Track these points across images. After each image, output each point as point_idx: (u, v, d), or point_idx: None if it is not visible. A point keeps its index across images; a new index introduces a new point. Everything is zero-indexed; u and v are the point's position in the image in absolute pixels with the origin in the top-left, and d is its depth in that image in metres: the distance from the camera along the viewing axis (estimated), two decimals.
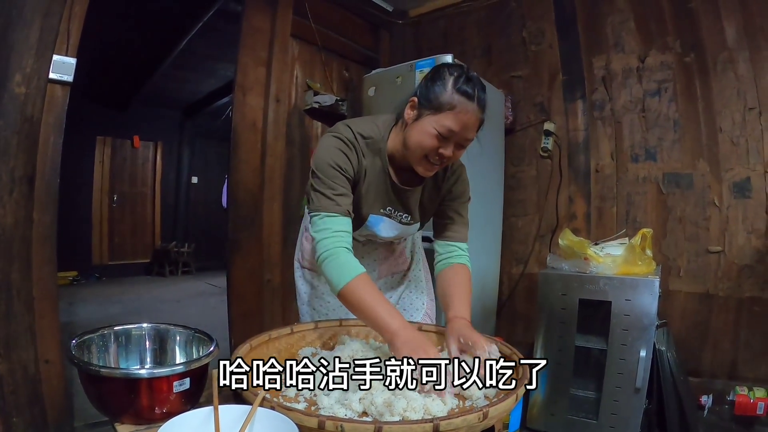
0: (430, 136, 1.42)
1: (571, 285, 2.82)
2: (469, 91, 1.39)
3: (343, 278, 1.38)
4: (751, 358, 3.07)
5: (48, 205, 2.63)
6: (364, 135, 1.56)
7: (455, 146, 1.45)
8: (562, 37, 3.76)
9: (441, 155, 1.45)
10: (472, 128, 1.43)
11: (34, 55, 2.52)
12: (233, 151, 3.52)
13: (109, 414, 1.12)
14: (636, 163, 3.45)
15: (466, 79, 1.40)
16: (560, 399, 2.90)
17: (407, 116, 1.50)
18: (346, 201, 1.48)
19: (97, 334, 1.30)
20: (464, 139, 1.44)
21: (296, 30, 3.79)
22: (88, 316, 5.73)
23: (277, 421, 0.94)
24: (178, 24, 5.28)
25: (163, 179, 9.71)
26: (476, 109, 1.40)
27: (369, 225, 1.67)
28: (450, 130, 1.40)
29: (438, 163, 1.48)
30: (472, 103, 1.39)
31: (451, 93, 1.40)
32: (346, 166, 1.50)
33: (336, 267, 1.41)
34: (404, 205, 1.66)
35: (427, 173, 1.52)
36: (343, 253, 1.42)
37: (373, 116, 1.73)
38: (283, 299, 3.77)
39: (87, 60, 3.05)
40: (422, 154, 1.46)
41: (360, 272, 1.40)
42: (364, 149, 1.56)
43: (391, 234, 1.73)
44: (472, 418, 0.96)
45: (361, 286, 1.38)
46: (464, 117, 1.39)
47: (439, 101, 1.41)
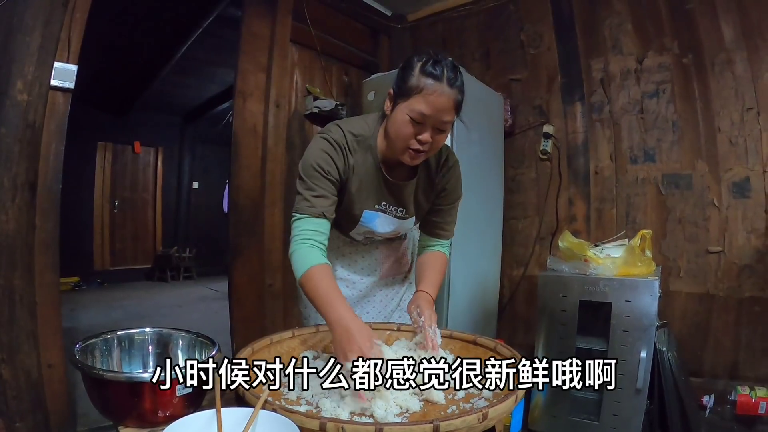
0: (405, 123, 1.43)
1: (572, 287, 2.83)
2: (435, 72, 1.38)
3: (300, 269, 1.43)
4: (752, 357, 3.07)
5: (50, 212, 2.64)
6: (355, 133, 1.59)
7: (433, 130, 1.44)
8: (560, 40, 3.77)
9: (420, 141, 1.44)
10: (445, 110, 1.40)
11: (36, 63, 2.54)
12: (234, 156, 3.53)
13: (112, 417, 1.13)
14: (635, 164, 3.46)
15: (433, 62, 1.40)
16: (562, 400, 2.90)
17: (386, 109, 1.53)
18: (322, 203, 1.51)
19: (101, 338, 1.31)
20: (440, 121, 1.42)
21: (295, 35, 3.80)
22: (90, 322, 5.74)
23: (279, 424, 0.95)
24: (179, 30, 5.31)
25: (164, 185, 9.74)
26: (447, 89, 1.38)
27: (364, 221, 1.68)
28: (421, 113, 1.40)
29: (420, 150, 1.47)
30: (440, 83, 1.38)
31: (417, 76, 1.40)
32: (329, 168, 1.52)
33: (297, 260, 1.46)
34: (398, 200, 1.68)
35: (412, 162, 1.52)
36: (305, 247, 1.46)
37: (366, 114, 1.75)
38: (284, 304, 3.77)
39: (88, 66, 3.06)
40: (403, 144, 1.46)
41: (315, 264, 1.43)
42: (355, 147, 1.58)
43: (388, 229, 1.74)
44: (472, 419, 0.97)
45: (313, 276, 1.41)
46: (434, 98, 1.38)
47: (407, 87, 1.41)
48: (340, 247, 1.89)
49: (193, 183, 10.06)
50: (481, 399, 1.23)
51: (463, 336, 1.58)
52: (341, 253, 1.89)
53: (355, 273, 1.90)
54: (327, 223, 1.52)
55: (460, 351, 1.54)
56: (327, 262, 1.46)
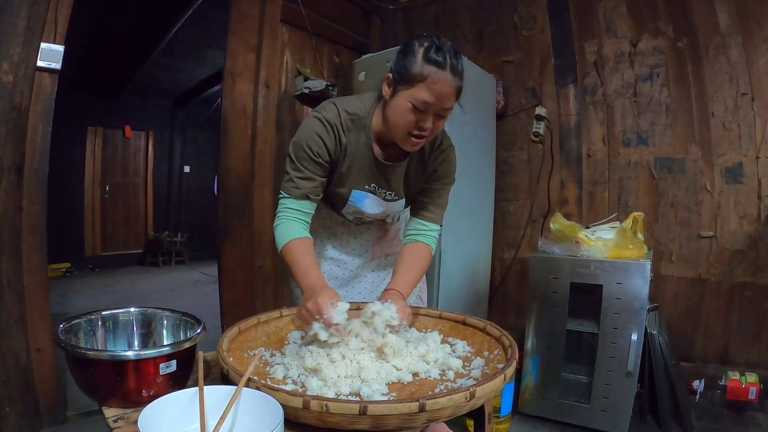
0: (407, 110, 1.42)
1: (563, 269, 2.82)
2: (439, 59, 1.37)
3: (281, 242, 1.53)
4: (743, 343, 3.09)
5: (37, 194, 2.62)
6: (350, 111, 1.59)
7: (434, 117, 1.44)
8: (553, 22, 3.74)
9: (421, 128, 1.44)
10: (448, 97, 1.40)
11: (22, 43, 2.50)
12: (223, 137, 3.51)
13: (96, 397, 1.11)
14: (628, 147, 3.45)
15: (436, 49, 1.38)
16: (552, 383, 2.91)
17: (385, 93, 1.51)
18: (307, 185, 1.56)
19: (85, 319, 1.29)
20: (442, 109, 1.42)
21: (286, 15, 3.76)
22: (81, 307, 5.70)
23: (262, 402, 0.94)
24: (168, 12, 5.24)
25: (155, 169, 9.66)
26: (450, 77, 1.38)
27: (353, 201, 1.68)
28: (425, 102, 1.39)
29: (421, 136, 1.46)
30: (444, 71, 1.37)
31: (421, 64, 1.38)
32: (318, 150, 1.54)
33: (279, 233, 1.55)
34: (387, 182, 1.67)
35: (413, 148, 1.52)
36: (287, 222, 1.55)
37: (361, 94, 1.72)
38: (274, 285, 3.78)
39: (77, 50, 3.03)
40: (404, 131, 1.46)
41: (295, 237, 1.52)
42: (349, 125, 1.58)
43: (377, 211, 1.73)
44: (459, 398, 0.96)
45: (291, 248, 1.51)
46: (438, 87, 1.37)
47: (410, 74, 1.40)
48: (333, 227, 1.89)
49: (184, 167, 9.99)
50: (470, 379, 1.22)
51: (453, 316, 1.58)
52: (333, 233, 1.89)
53: (347, 254, 1.90)
54: (310, 203, 1.58)
55: (449, 331, 1.54)
56: (307, 236, 1.55)
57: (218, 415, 0.90)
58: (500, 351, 1.32)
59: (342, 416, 0.92)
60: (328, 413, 0.92)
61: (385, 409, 0.92)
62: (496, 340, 1.38)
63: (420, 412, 0.93)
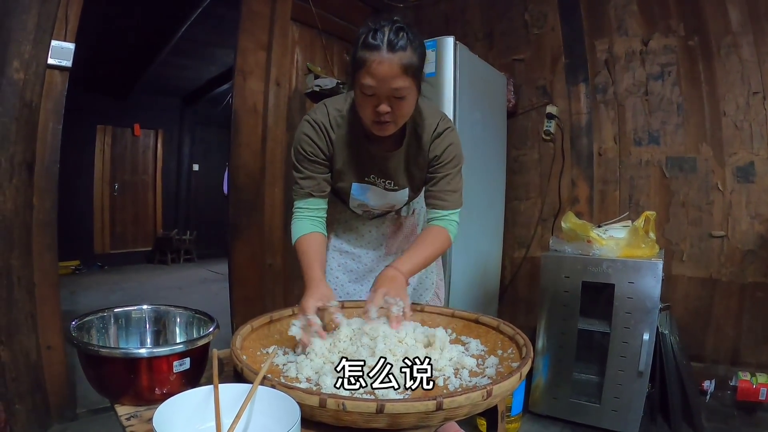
0: (361, 98, 1.45)
1: (574, 268, 2.81)
2: (375, 42, 1.35)
3: (294, 238, 1.65)
4: (754, 343, 3.06)
5: (48, 191, 2.63)
6: (339, 108, 1.65)
7: (389, 99, 1.41)
8: (564, 20, 3.72)
9: (378, 113, 1.43)
10: (391, 76, 1.36)
11: (33, 41, 2.52)
12: (234, 135, 3.51)
13: (108, 395, 1.11)
14: (639, 146, 3.43)
15: (373, 33, 1.36)
16: (563, 382, 2.90)
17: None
18: (309, 183, 1.66)
19: (97, 316, 1.29)
20: (390, 89, 1.38)
21: (296, 14, 3.77)
22: (91, 305, 5.72)
23: (278, 400, 0.93)
24: (178, 10, 5.25)
25: (164, 167, 9.71)
26: (387, 55, 1.34)
27: (355, 194, 1.73)
28: (369, 86, 1.38)
29: (382, 121, 1.45)
30: (378, 52, 1.34)
31: (360, 51, 1.38)
32: (311, 149, 1.63)
33: (292, 231, 1.67)
34: (384, 172, 1.69)
35: (382, 133, 1.51)
36: (299, 220, 1.66)
37: (351, 91, 1.71)
38: (284, 283, 3.77)
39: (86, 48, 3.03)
40: (368, 119, 1.48)
41: (305, 233, 1.63)
42: (339, 122, 1.63)
43: (382, 202, 1.76)
44: (476, 396, 0.96)
45: (301, 243, 1.62)
46: (376, 69, 1.35)
47: (354, 62, 1.42)
48: (347, 221, 1.92)
49: (193, 165, 10.03)
50: (485, 378, 1.21)
51: (465, 315, 1.57)
52: (349, 227, 1.92)
53: (361, 247, 1.92)
54: (315, 200, 1.67)
55: (462, 330, 1.53)
56: (317, 231, 1.65)
57: (233, 414, 0.89)
58: (513, 350, 1.31)
59: (359, 414, 0.92)
60: (344, 411, 0.91)
61: (402, 408, 0.91)
62: (509, 339, 1.37)
63: (437, 411, 0.92)
